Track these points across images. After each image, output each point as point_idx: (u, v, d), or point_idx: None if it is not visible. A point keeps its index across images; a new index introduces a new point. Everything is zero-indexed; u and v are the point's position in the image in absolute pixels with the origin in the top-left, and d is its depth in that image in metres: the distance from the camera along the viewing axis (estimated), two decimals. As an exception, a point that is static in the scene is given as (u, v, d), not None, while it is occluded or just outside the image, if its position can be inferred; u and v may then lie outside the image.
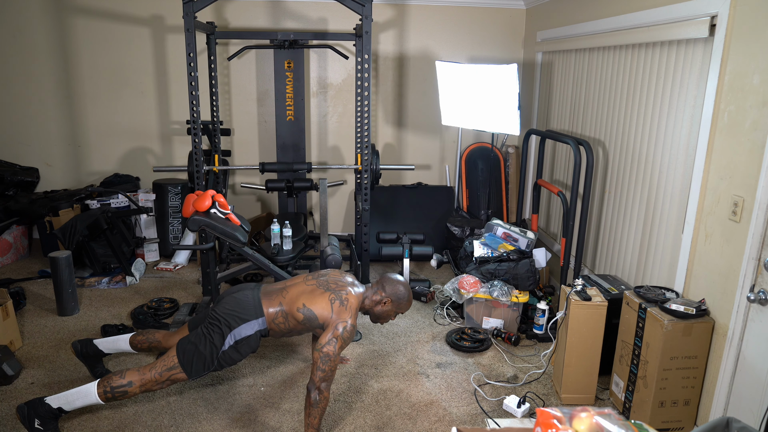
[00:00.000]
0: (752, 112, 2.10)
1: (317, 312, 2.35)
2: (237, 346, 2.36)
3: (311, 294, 2.40)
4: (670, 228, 2.75)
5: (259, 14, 4.64)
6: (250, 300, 2.42)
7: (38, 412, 2.28)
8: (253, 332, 2.38)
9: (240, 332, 2.35)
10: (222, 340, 2.33)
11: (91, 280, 4.03)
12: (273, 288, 2.52)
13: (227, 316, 2.36)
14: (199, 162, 3.48)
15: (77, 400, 2.32)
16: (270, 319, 2.40)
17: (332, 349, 2.25)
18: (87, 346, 2.70)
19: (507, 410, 2.63)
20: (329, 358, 2.24)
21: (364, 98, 3.56)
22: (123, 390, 2.31)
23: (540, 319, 3.31)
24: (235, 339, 2.35)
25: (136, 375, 2.33)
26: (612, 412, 1.15)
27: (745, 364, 2.16)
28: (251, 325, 2.37)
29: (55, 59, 4.62)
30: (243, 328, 2.36)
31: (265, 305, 2.41)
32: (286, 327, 2.42)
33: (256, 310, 2.39)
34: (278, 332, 2.44)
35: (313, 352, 2.27)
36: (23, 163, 4.82)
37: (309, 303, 2.37)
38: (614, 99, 3.27)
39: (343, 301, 2.36)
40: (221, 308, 2.41)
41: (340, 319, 2.31)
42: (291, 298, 2.41)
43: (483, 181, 4.78)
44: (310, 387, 2.26)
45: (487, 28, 4.80)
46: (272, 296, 2.45)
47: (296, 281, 2.53)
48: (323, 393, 2.25)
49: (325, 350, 2.24)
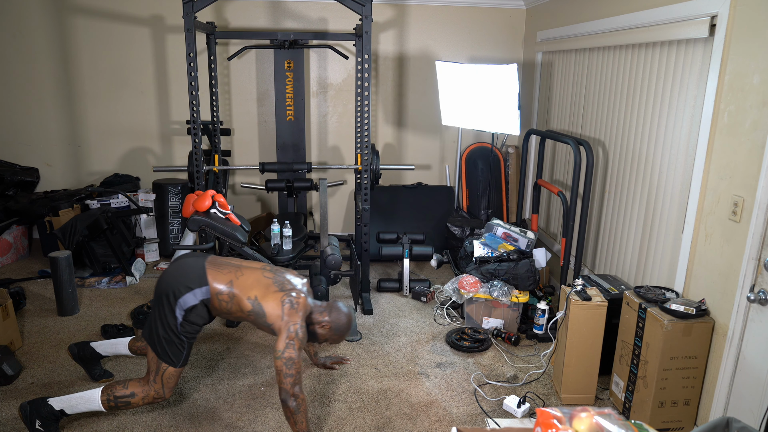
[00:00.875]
0: (752, 112, 2.10)
1: (267, 310, 2.28)
2: (187, 317, 2.29)
3: (266, 289, 2.32)
4: (670, 228, 2.75)
5: (259, 14, 4.64)
6: (194, 267, 2.34)
7: (40, 412, 2.28)
8: (198, 302, 2.29)
9: (185, 302, 2.27)
10: (174, 315, 2.27)
11: (91, 280, 4.03)
12: (224, 262, 2.42)
13: (172, 285, 2.28)
14: (199, 162, 3.48)
15: (80, 405, 2.32)
16: (214, 293, 2.30)
17: (293, 352, 2.20)
18: (84, 348, 2.70)
19: (507, 410, 2.63)
20: (293, 362, 2.19)
21: (364, 98, 3.56)
22: (126, 400, 2.31)
23: (540, 319, 3.31)
24: (183, 309, 2.27)
25: (137, 386, 2.32)
26: (612, 412, 1.15)
27: (745, 364, 2.16)
28: (195, 294, 2.28)
29: (55, 59, 4.62)
30: (187, 298, 2.27)
31: (212, 277, 2.32)
32: (227, 308, 2.33)
33: (201, 278, 2.30)
34: (218, 309, 2.35)
35: (275, 360, 2.21)
36: (23, 163, 4.82)
37: (261, 298, 2.30)
38: (614, 99, 3.27)
39: (294, 304, 2.29)
40: (165, 276, 2.33)
41: (291, 320, 2.25)
42: (244, 284, 2.33)
43: (483, 181, 4.78)
44: (284, 397, 2.19)
45: (487, 28, 4.81)
46: (222, 271, 2.36)
47: (254, 266, 2.45)
48: (299, 396, 2.21)
49: (286, 355, 2.19)
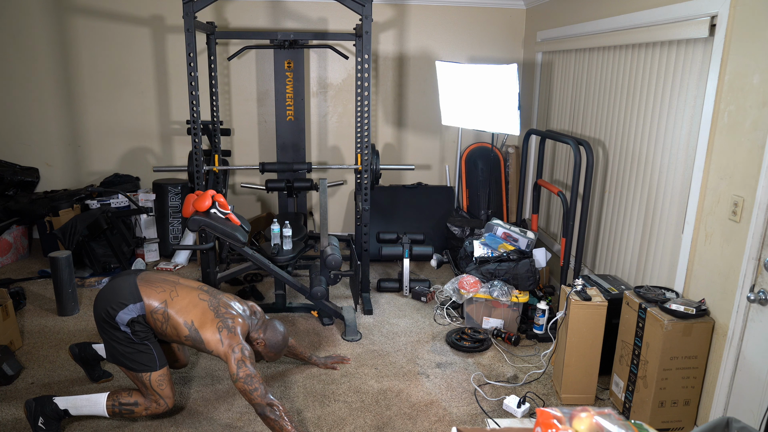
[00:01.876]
0: (752, 112, 2.10)
1: (205, 338, 2.26)
2: (134, 328, 2.26)
3: (202, 315, 2.29)
4: (670, 228, 2.75)
5: (259, 14, 4.64)
6: (125, 285, 2.31)
7: (44, 410, 2.30)
8: (136, 315, 2.26)
9: (122, 318, 2.25)
10: (121, 331, 2.25)
11: (91, 280, 4.03)
12: (157, 278, 2.39)
13: (105, 305, 2.26)
14: (199, 162, 3.48)
15: (85, 407, 2.33)
16: (149, 311, 2.27)
17: (248, 370, 2.20)
18: (85, 349, 2.71)
19: (507, 410, 2.63)
20: (251, 377, 2.19)
21: (364, 98, 3.56)
22: (130, 409, 2.33)
23: (540, 319, 3.31)
24: (124, 324, 2.25)
25: (141, 397, 2.34)
26: (612, 412, 1.15)
27: (745, 364, 2.16)
28: (129, 309, 2.25)
29: (55, 59, 4.62)
30: (122, 316, 2.25)
31: (145, 294, 2.29)
32: (162, 329, 2.30)
33: (133, 295, 2.27)
34: (154, 329, 2.32)
35: (235, 384, 2.20)
36: (23, 163, 4.82)
37: (198, 324, 2.27)
38: (614, 99, 3.27)
39: (230, 329, 2.28)
40: (98, 301, 2.30)
41: (233, 343, 2.25)
42: (179, 306, 2.30)
43: (483, 181, 4.78)
44: (261, 411, 2.19)
45: (487, 28, 4.81)
46: (156, 288, 2.32)
47: (190, 285, 2.42)
48: (273, 404, 2.21)
49: (242, 374, 2.19)
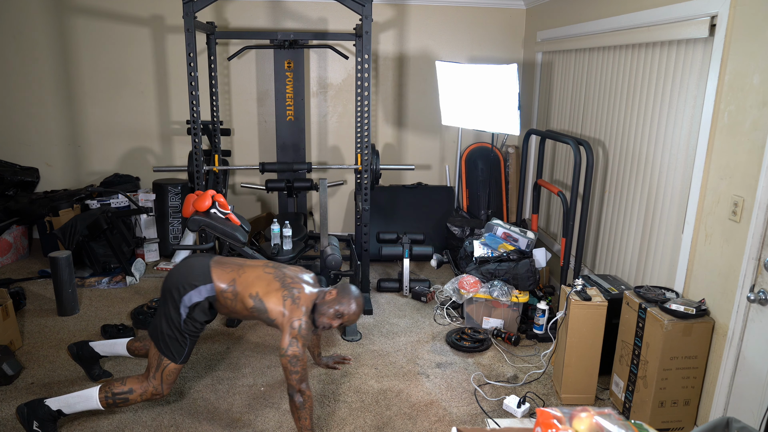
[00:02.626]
0: (752, 112, 2.10)
1: (269, 306, 2.28)
2: (192, 314, 2.30)
3: (267, 285, 2.32)
4: (670, 228, 2.75)
5: (259, 14, 4.64)
6: (200, 265, 2.36)
7: (37, 414, 2.28)
8: (203, 299, 2.30)
9: (190, 299, 2.29)
10: (178, 312, 2.28)
11: (91, 280, 4.03)
12: (228, 261, 2.44)
13: (177, 283, 2.30)
14: (199, 162, 3.48)
15: (78, 404, 2.31)
16: (219, 291, 2.32)
17: (297, 349, 2.20)
18: (83, 348, 2.70)
19: (507, 410, 2.63)
20: (298, 359, 2.20)
21: (364, 98, 3.56)
22: (124, 397, 2.31)
23: (540, 319, 3.31)
24: (187, 307, 2.29)
25: (136, 382, 2.33)
26: (612, 412, 1.15)
27: (745, 364, 2.16)
28: (200, 291, 2.30)
29: (55, 59, 4.62)
30: (192, 295, 2.29)
31: (216, 275, 2.34)
32: (232, 306, 2.35)
33: (205, 276, 2.32)
34: (224, 307, 2.37)
35: (280, 358, 2.22)
36: (23, 163, 4.82)
37: (262, 294, 2.30)
38: (614, 99, 3.27)
39: (295, 299, 2.29)
40: (171, 275, 2.35)
41: (294, 316, 2.25)
42: (246, 281, 2.34)
43: (483, 181, 4.78)
44: (291, 393, 2.21)
45: (487, 28, 4.81)
46: (226, 269, 2.37)
47: (256, 264, 2.46)
48: (305, 393, 2.22)
49: (290, 352, 2.19)
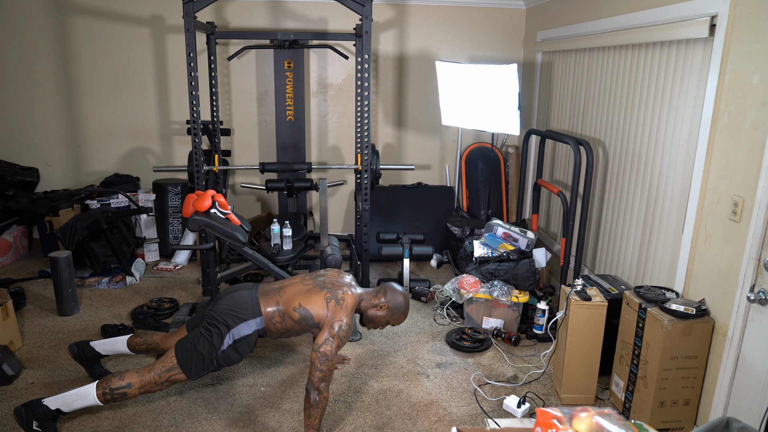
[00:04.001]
0: (752, 112, 2.10)
1: (313, 311, 2.34)
2: (236, 345, 2.36)
3: (307, 294, 2.39)
4: (670, 228, 2.75)
5: (259, 14, 4.64)
6: (248, 299, 2.42)
7: (36, 413, 2.27)
8: (252, 332, 2.37)
9: (239, 332, 2.35)
10: (221, 340, 2.33)
11: (91, 280, 4.03)
12: (270, 287, 2.50)
13: (225, 316, 2.36)
14: (199, 162, 3.48)
15: (76, 402, 2.31)
16: (267, 319, 2.38)
17: (329, 349, 2.24)
18: (84, 348, 2.70)
19: (507, 410, 2.63)
20: (327, 358, 2.23)
21: (364, 98, 3.56)
22: (122, 392, 2.31)
23: (540, 319, 3.31)
24: (233, 338, 2.35)
25: (135, 377, 2.32)
26: (612, 412, 1.15)
27: (745, 364, 2.16)
28: (249, 325, 2.36)
29: (55, 59, 4.62)
30: (241, 328, 2.35)
31: (263, 305, 2.40)
32: (282, 327, 2.41)
33: (254, 309, 2.38)
34: (275, 332, 2.43)
35: (312, 351, 2.26)
36: (23, 163, 4.82)
37: (305, 302, 2.36)
38: (614, 99, 3.27)
39: (339, 300, 2.35)
40: (219, 307, 2.40)
41: (335, 317, 2.30)
42: (288, 298, 2.40)
43: (483, 181, 4.78)
44: (309, 388, 2.25)
45: (487, 28, 4.80)
46: (269, 296, 2.43)
47: (294, 281, 2.52)
48: (323, 393, 2.25)
49: (322, 350, 2.23)
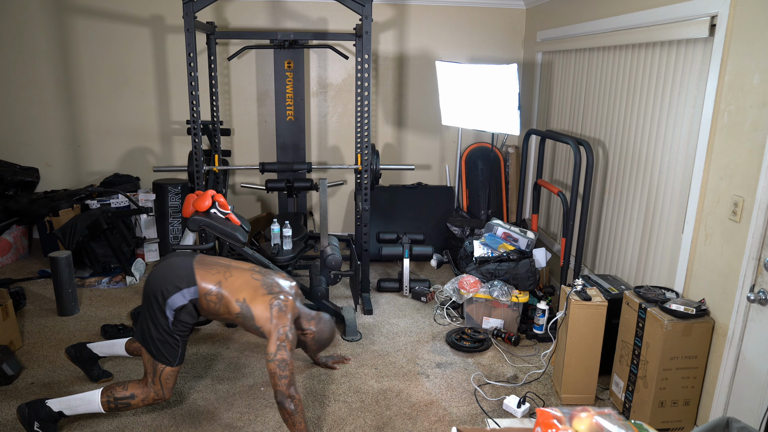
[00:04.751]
0: (752, 112, 2.10)
1: (256, 313, 2.28)
2: (178, 316, 2.29)
3: (255, 291, 2.32)
4: (670, 228, 2.75)
5: (259, 14, 4.64)
6: (183, 267, 2.33)
7: (39, 414, 2.28)
8: (187, 302, 2.29)
9: (174, 302, 2.27)
10: (164, 316, 2.27)
11: (91, 280, 4.03)
12: (213, 261, 2.42)
13: (160, 285, 2.28)
14: (199, 162, 3.48)
15: (79, 406, 2.31)
16: (203, 293, 2.30)
17: (285, 354, 2.20)
18: (81, 350, 2.70)
19: (507, 410, 2.63)
20: (285, 363, 2.19)
21: (364, 98, 3.56)
22: (126, 402, 2.31)
23: (540, 319, 3.31)
24: (172, 310, 2.27)
25: (137, 388, 2.33)
26: (612, 412, 1.15)
27: (745, 364, 2.16)
28: (183, 294, 2.28)
29: (55, 59, 4.62)
30: (176, 298, 2.27)
31: (200, 277, 2.32)
32: (215, 309, 2.33)
33: (189, 279, 2.30)
34: (206, 310, 2.34)
35: (267, 364, 2.21)
36: (23, 163, 4.82)
37: (250, 300, 2.30)
38: (614, 99, 3.27)
39: (282, 307, 2.29)
40: (153, 277, 2.32)
41: (280, 323, 2.25)
42: (233, 285, 2.33)
43: (483, 181, 4.78)
44: (281, 399, 2.18)
45: (487, 28, 4.80)
46: (211, 270, 2.35)
47: (243, 267, 2.45)
48: (295, 397, 2.21)
49: (278, 357, 2.19)
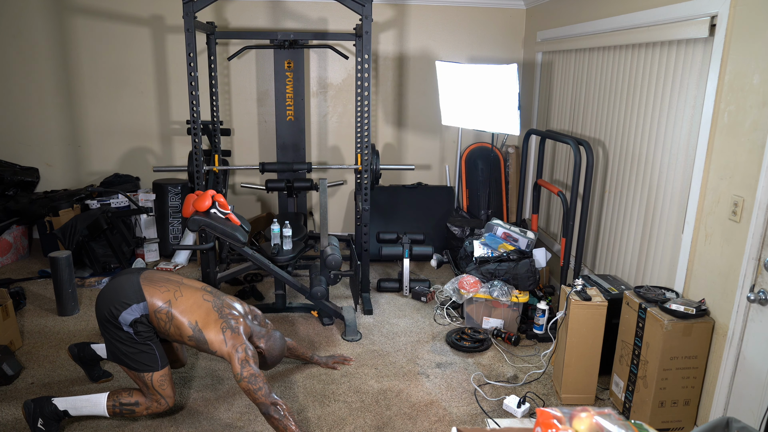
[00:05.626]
0: (752, 112, 2.10)
1: (209, 338, 2.27)
2: (136, 328, 2.26)
3: (206, 315, 2.31)
4: (670, 228, 2.75)
5: (259, 14, 4.64)
6: (129, 284, 2.31)
7: (44, 411, 2.29)
8: (139, 316, 2.26)
9: (125, 319, 2.25)
10: (124, 331, 2.25)
11: (91, 280, 4.03)
12: (160, 277, 2.40)
13: (108, 305, 2.25)
14: (199, 162, 3.48)
15: (85, 408, 2.33)
16: (153, 310, 2.28)
17: (252, 369, 2.21)
18: (84, 350, 2.71)
19: (507, 410, 2.63)
20: (255, 377, 2.20)
21: (364, 98, 3.56)
22: (131, 408, 2.32)
23: (540, 319, 3.31)
24: (127, 324, 2.25)
25: (141, 397, 2.34)
26: (612, 412, 1.15)
27: (745, 364, 2.16)
28: (132, 310, 2.25)
29: (55, 59, 4.62)
30: (126, 314, 2.24)
31: (149, 293, 2.29)
32: (165, 327, 2.30)
33: (137, 294, 2.27)
34: (157, 328, 2.32)
35: (239, 384, 2.21)
36: (23, 163, 4.82)
37: (202, 325, 2.28)
38: (614, 99, 3.27)
39: (234, 329, 2.29)
40: (101, 298, 2.30)
41: (236, 343, 2.26)
42: (184, 307, 2.31)
43: (483, 181, 4.78)
44: (265, 411, 2.20)
45: (487, 28, 4.81)
46: (159, 287, 2.33)
47: (194, 285, 2.43)
48: (277, 403, 2.21)
49: (246, 374, 2.19)
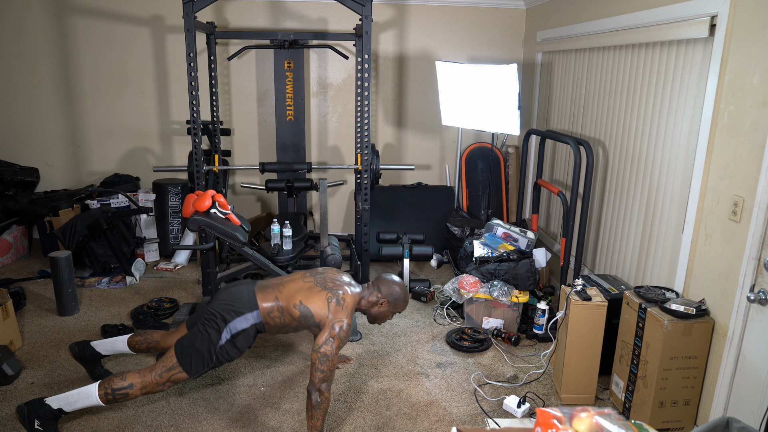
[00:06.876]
0: (752, 112, 2.10)
1: (314, 310, 2.34)
2: (234, 340, 2.35)
3: (309, 291, 2.39)
4: (670, 228, 2.75)
5: (259, 14, 4.64)
6: (245, 293, 2.42)
7: (38, 413, 2.28)
8: (249, 326, 2.36)
9: (235, 326, 2.34)
10: (218, 335, 2.33)
11: (91, 280, 4.03)
12: (269, 283, 2.51)
13: (222, 310, 2.36)
14: (199, 162, 3.48)
15: (78, 402, 2.31)
16: (265, 313, 2.38)
17: (330, 349, 2.24)
18: (84, 348, 2.70)
19: (507, 410, 2.63)
20: (327, 359, 2.23)
21: (364, 98, 3.56)
22: (124, 392, 2.31)
23: (540, 319, 3.31)
24: (231, 333, 2.34)
25: (137, 377, 2.32)
26: (612, 412, 1.15)
27: (745, 364, 2.16)
28: (246, 318, 2.36)
29: (55, 59, 4.62)
30: (238, 322, 2.34)
31: (260, 299, 2.40)
32: (281, 322, 2.40)
33: (251, 303, 2.38)
34: (273, 327, 2.43)
35: (312, 352, 2.27)
36: (23, 163, 4.82)
37: (306, 300, 2.36)
38: (614, 99, 3.27)
39: (339, 300, 2.35)
40: (216, 302, 2.40)
41: (336, 318, 2.30)
42: (288, 294, 2.40)
43: (483, 181, 4.78)
44: (310, 389, 2.25)
45: (487, 28, 4.81)
46: (268, 291, 2.44)
47: (294, 278, 2.53)
48: (324, 394, 2.24)
49: (322, 350, 2.24)
